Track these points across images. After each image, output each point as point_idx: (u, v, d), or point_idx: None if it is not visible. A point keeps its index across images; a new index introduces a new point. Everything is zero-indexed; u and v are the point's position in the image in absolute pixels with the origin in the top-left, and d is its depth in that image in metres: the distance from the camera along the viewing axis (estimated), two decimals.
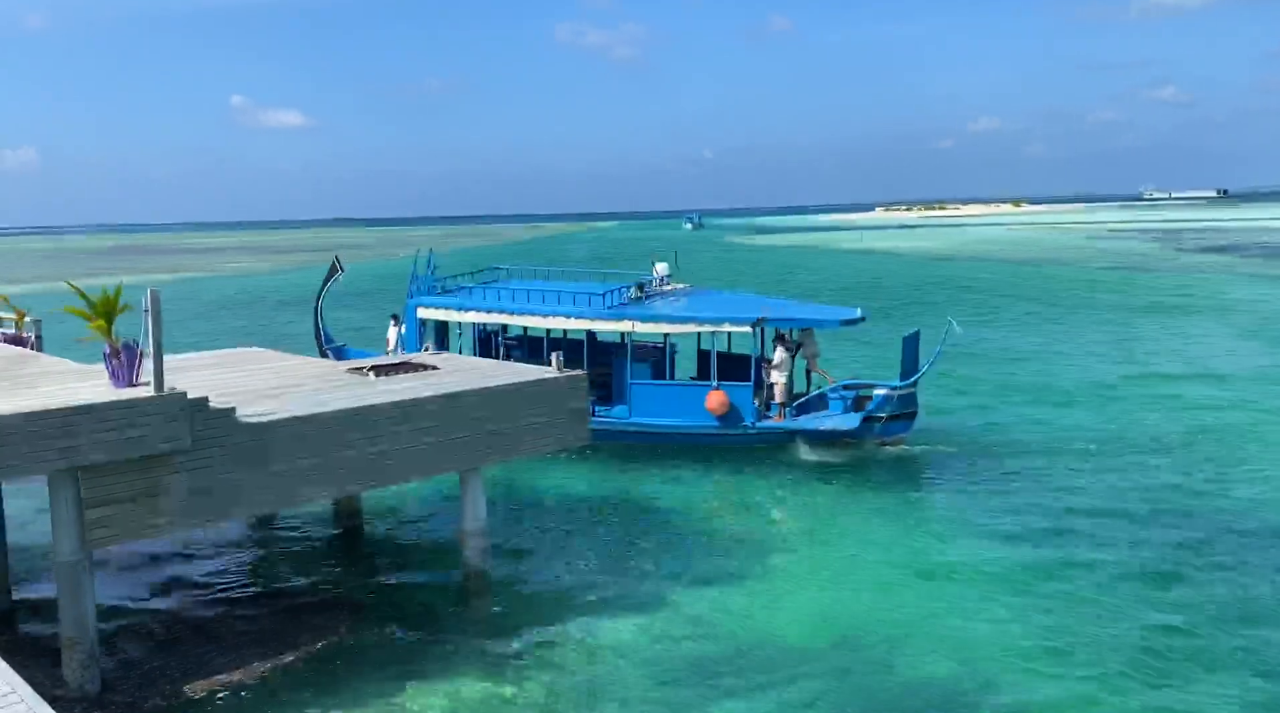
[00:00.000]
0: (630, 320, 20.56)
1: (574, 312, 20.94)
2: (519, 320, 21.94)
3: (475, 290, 23.09)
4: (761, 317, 20.27)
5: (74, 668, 10.60)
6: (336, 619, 12.80)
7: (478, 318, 22.39)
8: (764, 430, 20.26)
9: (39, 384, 11.74)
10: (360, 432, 12.30)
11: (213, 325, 46.22)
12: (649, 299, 21.96)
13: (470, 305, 22.31)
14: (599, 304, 20.83)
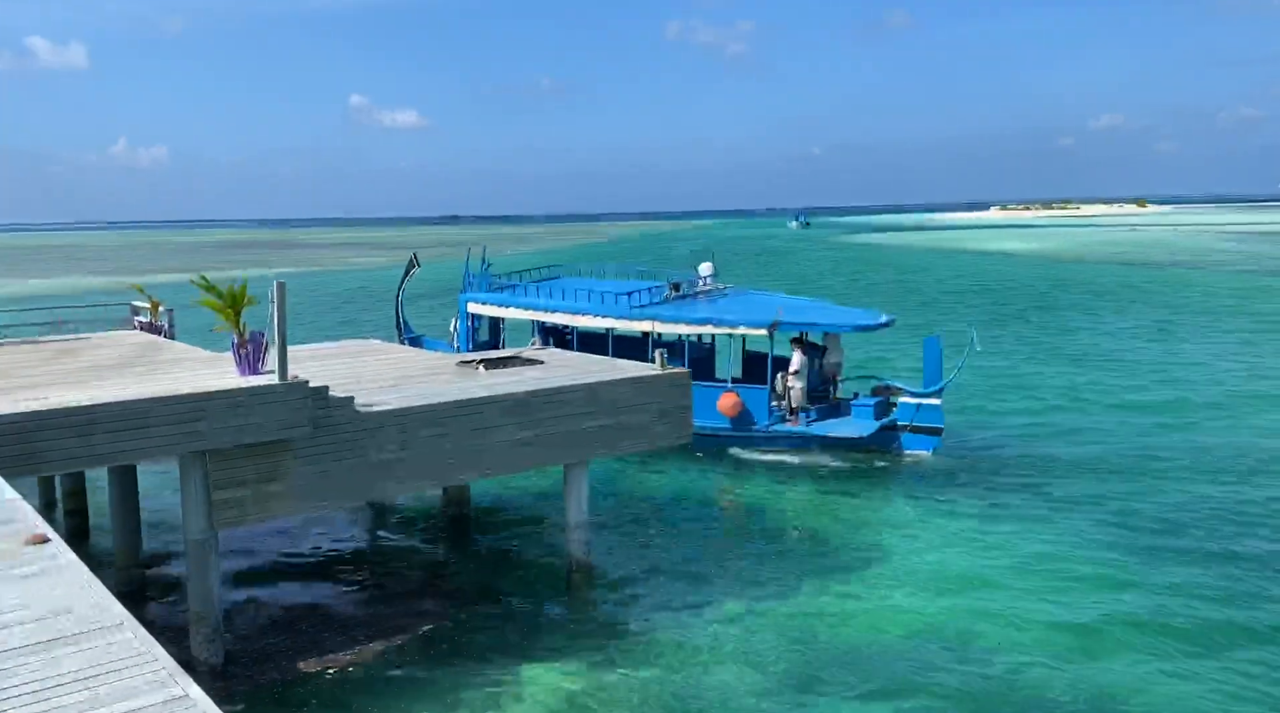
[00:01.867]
0: (651, 320, 20.91)
1: (600, 310, 21.52)
2: (551, 317, 22.60)
3: (519, 288, 23.96)
4: (776, 320, 20.12)
5: (200, 641, 11.19)
6: (443, 605, 13.17)
7: (517, 314, 23.30)
8: (777, 434, 20.25)
9: (172, 371, 12.42)
10: (470, 423, 12.64)
11: (331, 318, 47.97)
12: (681, 300, 22.03)
13: (511, 302, 23.30)
14: (624, 304, 21.29)
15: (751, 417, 19.99)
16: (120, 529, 14.04)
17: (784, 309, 20.68)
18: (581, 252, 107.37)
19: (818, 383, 21.26)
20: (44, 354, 14.17)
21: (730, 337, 20.48)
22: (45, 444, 9.78)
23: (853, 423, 20.13)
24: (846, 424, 20.11)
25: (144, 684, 3.85)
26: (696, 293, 22.50)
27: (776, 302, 21.68)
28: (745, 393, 20.08)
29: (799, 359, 20.21)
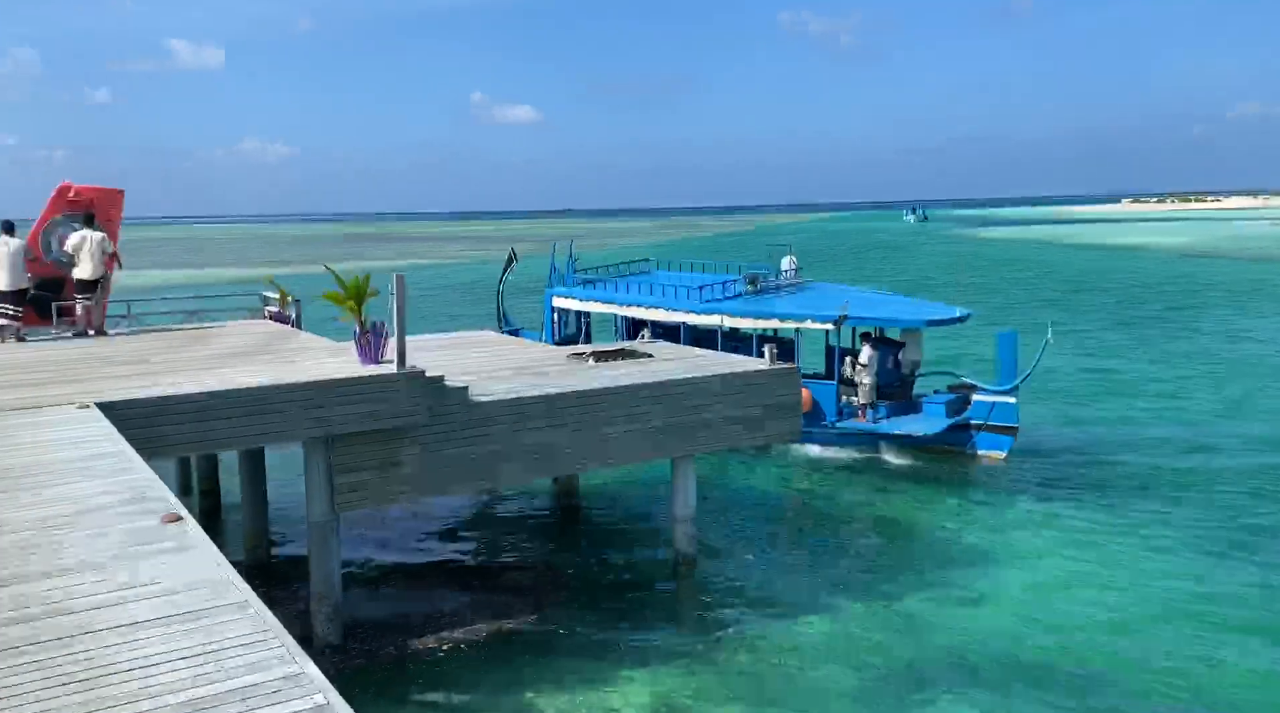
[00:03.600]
0: (720, 315, 20.72)
1: (673, 304, 21.58)
2: (628, 311, 22.74)
3: (600, 283, 24.23)
4: (842, 314, 19.55)
5: (321, 619, 11.62)
6: (551, 592, 13.35)
7: (598, 308, 23.58)
8: (844, 430, 19.79)
9: (298, 359, 12.91)
10: (580, 415, 12.76)
11: (444, 309, 49.19)
12: (757, 294, 21.66)
13: (592, 296, 23.57)
14: (695, 298, 21.23)
15: (821, 412, 19.61)
16: (248, 511, 14.71)
17: (854, 303, 20.25)
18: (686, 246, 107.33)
19: (894, 379, 20.74)
20: (179, 341, 14.93)
21: (799, 331, 20.14)
22: (181, 428, 10.28)
23: (923, 420, 19.57)
24: (916, 421, 19.56)
25: (264, 661, 3.99)
26: (773, 287, 22.23)
27: (847, 296, 21.23)
28: (815, 388, 19.73)
29: (868, 354, 19.74)
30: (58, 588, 4.79)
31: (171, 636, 4.21)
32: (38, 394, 10.18)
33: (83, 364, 12.44)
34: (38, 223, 16.34)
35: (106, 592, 4.73)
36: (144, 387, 10.64)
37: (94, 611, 4.50)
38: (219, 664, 3.94)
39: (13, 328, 14.95)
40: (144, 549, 5.34)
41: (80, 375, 11.51)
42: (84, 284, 15.50)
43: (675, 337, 21.04)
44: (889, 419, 19.67)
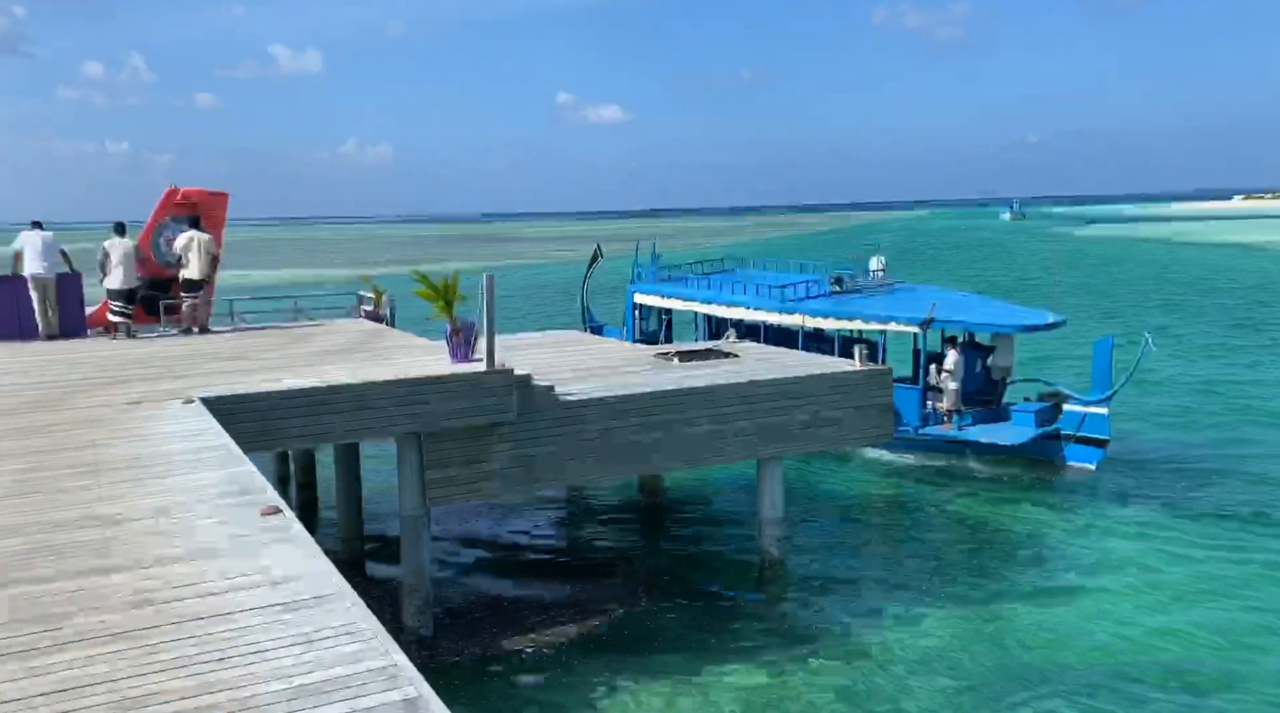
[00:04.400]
0: (802, 314, 20.39)
1: (754, 303, 21.35)
2: (708, 309, 22.55)
3: (681, 280, 24.08)
4: (929, 317, 18.92)
5: (412, 612, 11.89)
6: (637, 592, 13.39)
7: (679, 305, 23.45)
8: (926, 437, 19.20)
9: (393, 356, 13.23)
10: (665, 414, 12.77)
11: (532, 308, 49.81)
12: (842, 294, 21.20)
13: (674, 293, 23.47)
14: (777, 297, 20.94)
15: (902, 417, 19.12)
16: (343, 504, 15.14)
17: (942, 305, 19.68)
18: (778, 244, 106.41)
19: (983, 385, 20.12)
20: (281, 339, 15.44)
21: (884, 333, 19.69)
22: (281, 422, 10.62)
23: (1010, 429, 18.89)
24: (1002, 430, 18.90)
25: (360, 652, 4.09)
26: (860, 287, 21.83)
27: (935, 297, 20.71)
28: (898, 392, 19.27)
29: (953, 358, 19.16)
30: (173, 575, 5.00)
31: (273, 625, 4.36)
32: (148, 389, 10.64)
33: (188, 360, 12.97)
34: (147, 225, 17.10)
35: (215, 580, 4.92)
36: (246, 383, 11.04)
37: (204, 598, 4.68)
38: (317, 654, 4.06)
39: (125, 325, 15.67)
40: (247, 540, 5.53)
41: (186, 371, 12.00)
42: (190, 283, 16.15)
43: (756, 336, 20.92)
44: (975, 427, 19.13)
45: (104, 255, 15.69)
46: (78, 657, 4.07)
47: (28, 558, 5.29)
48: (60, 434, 8.44)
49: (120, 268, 15.64)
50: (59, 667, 3.98)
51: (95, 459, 7.52)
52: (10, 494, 6.54)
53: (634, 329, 24.48)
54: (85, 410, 9.52)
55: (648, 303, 24.41)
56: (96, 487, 6.69)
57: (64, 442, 8.15)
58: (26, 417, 9.28)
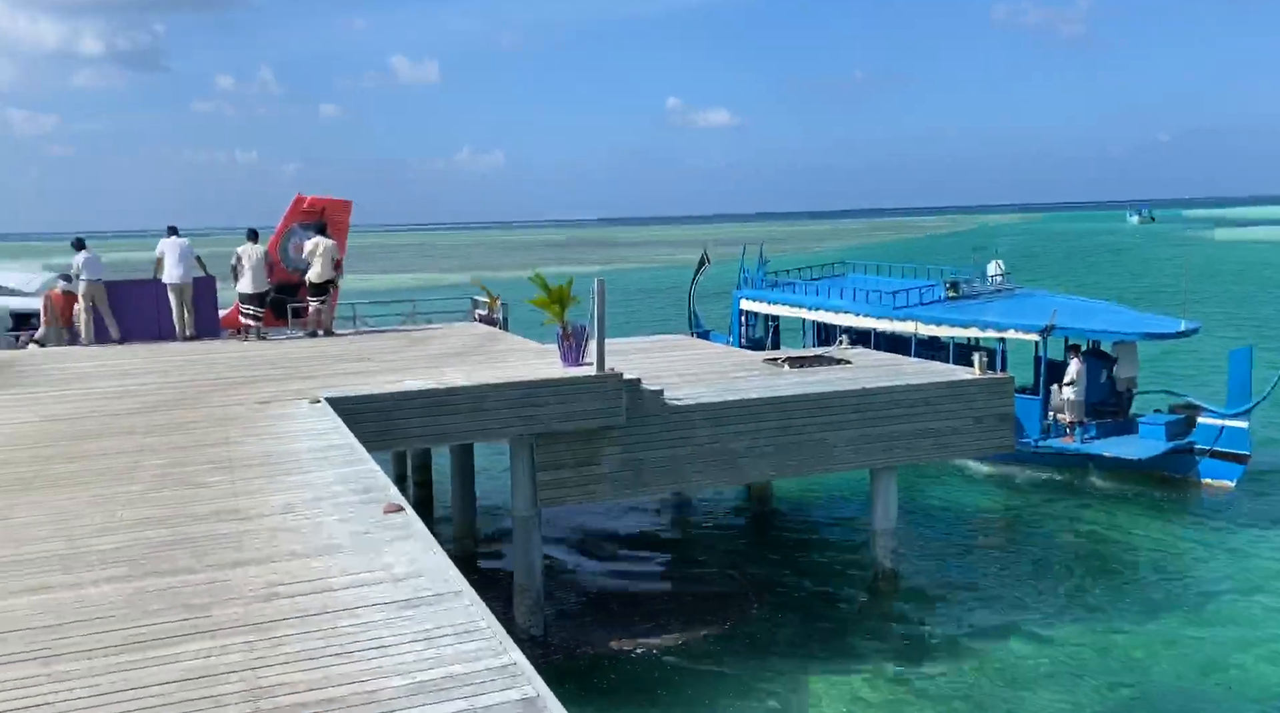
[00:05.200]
0: (915, 321, 19.78)
1: (863, 309, 20.87)
2: (815, 315, 22.16)
3: (788, 286, 23.69)
4: (1049, 324, 17.96)
5: (523, 611, 12.07)
6: (745, 599, 13.30)
7: (786, 312, 23.10)
8: (1048, 450, 18.29)
9: (507, 359, 13.48)
10: (775, 420, 12.65)
11: (640, 313, 50.04)
12: (958, 300, 20.38)
13: (781, 299, 23.14)
14: (887, 303, 20.35)
15: (1022, 428, 18.33)
16: (457, 503, 15.51)
17: (1064, 312, 18.82)
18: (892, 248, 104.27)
19: (1107, 396, 19.15)
20: (401, 342, 15.91)
21: (1001, 341, 18.92)
22: (401, 423, 10.95)
23: (1138, 443, 17.85)
24: (1130, 444, 17.88)
25: (479, 650, 4.17)
26: (977, 293, 21.09)
27: (1056, 303, 19.80)
28: (1017, 402, 18.50)
29: (1076, 368, 18.26)
30: (301, 569, 5.20)
31: (395, 621, 4.48)
32: (278, 389, 11.11)
33: (314, 362, 13.49)
34: (276, 231, 17.87)
35: (340, 575, 5.09)
36: (368, 384, 11.41)
37: (329, 593, 4.85)
38: (438, 651, 4.15)
39: (256, 327, 16.41)
40: (371, 537, 5.71)
41: (312, 372, 12.48)
42: (316, 288, 16.80)
43: (866, 344, 20.54)
44: (1099, 440, 18.26)
45: (237, 260, 16.46)
46: (214, 646, 4.26)
47: (170, 549, 5.58)
48: (198, 431, 8.89)
49: (251, 273, 16.38)
50: (197, 654, 4.18)
51: (229, 456, 7.88)
52: (154, 488, 6.92)
53: (740, 336, 24.29)
54: (220, 409, 9.99)
55: (755, 310, 24.18)
56: (231, 482, 7.02)
57: (201, 438, 8.58)
58: (166, 414, 9.80)
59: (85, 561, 5.40)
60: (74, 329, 16.43)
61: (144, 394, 11.02)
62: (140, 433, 8.84)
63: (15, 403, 10.67)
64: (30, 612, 4.68)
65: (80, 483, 7.10)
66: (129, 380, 12.07)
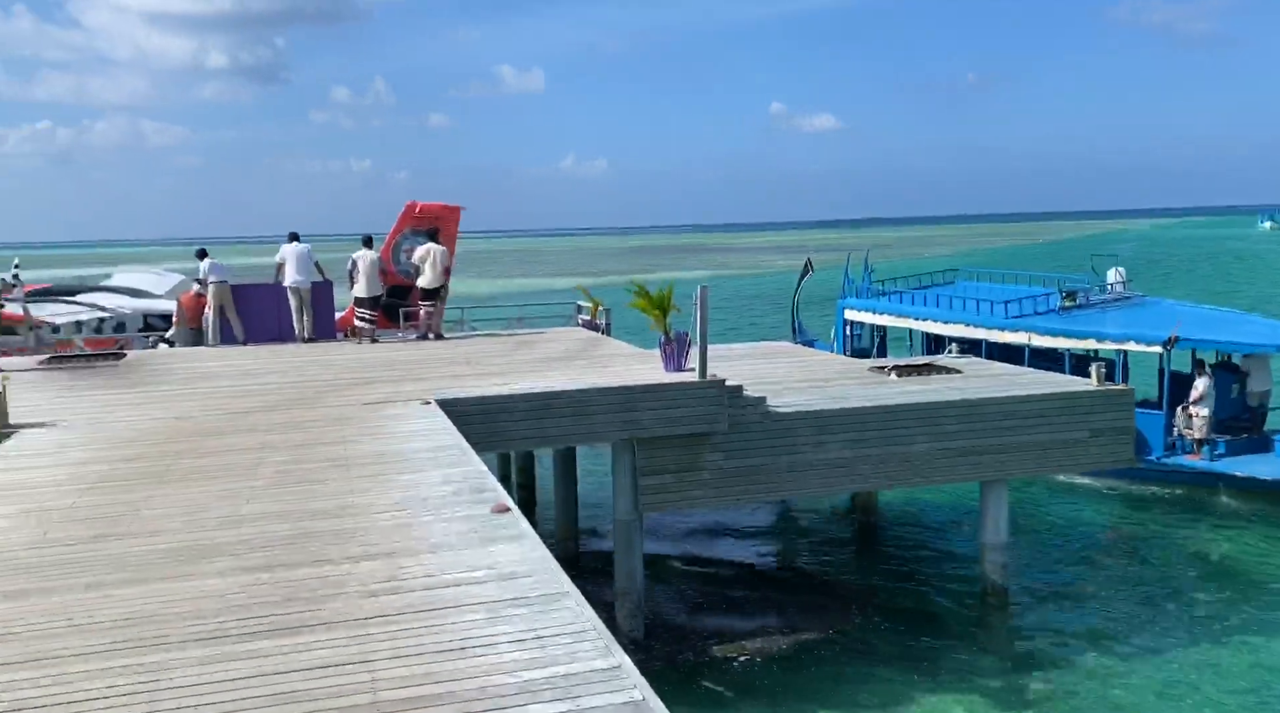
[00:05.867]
0: (1028, 332, 18.94)
1: (973, 319, 20.16)
2: (923, 326, 21.45)
3: (895, 295, 22.99)
4: (1173, 336, 16.93)
5: (624, 614, 12.14)
6: (849, 610, 13.09)
7: (892, 322, 22.43)
8: (1173, 467, 17.28)
9: (609, 364, 13.60)
10: (881, 430, 12.42)
11: (741, 319, 49.82)
12: (1074, 310, 19.46)
13: (887, 309, 22.47)
14: (999, 313, 19.59)
15: (1145, 445, 17.38)
16: (560, 506, 15.70)
17: (1190, 323, 17.85)
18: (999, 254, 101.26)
19: (1239, 411, 18.07)
20: (506, 346, 16.22)
21: (1121, 352, 18.05)
22: (507, 425, 11.16)
23: (1273, 461, 16.81)
24: (1265, 462, 16.82)
25: (585, 651, 4.23)
26: (1095, 303, 20.21)
27: (1181, 313, 18.78)
28: (1140, 418, 17.60)
29: (1203, 383, 17.26)
30: (414, 565, 5.36)
31: (505, 619, 4.57)
32: (390, 390, 11.46)
33: (424, 364, 13.87)
34: (389, 237, 18.44)
35: (454, 572, 5.23)
36: (476, 387, 11.67)
37: (440, 589, 4.99)
38: (545, 651, 4.22)
39: (369, 330, 16.96)
40: (480, 536, 5.84)
41: (423, 374, 12.83)
42: (426, 292, 17.27)
43: (976, 355, 19.98)
44: (1230, 457, 17.26)
45: (352, 265, 17.05)
46: (335, 637, 4.43)
47: (292, 543, 5.81)
48: (316, 430, 9.24)
49: (366, 277, 16.95)
50: (320, 644, 4.35)
51: (345, 454, 8.17)
52: (275, 484, 7.23)
53: (845, 345, 23.86)
54: (336, 409, 10.37)
55: (860, 319, 23.70)
56: (347, 480, 7.27)
57: (319, 437, 8.91)
58: (286, 413, 10.22)
59: (213, 552, 5.68)
60: (199, 330, 17.32)
61: (265, 394, 11.51)
62: (262, 431, 9.24)
63: (147, 400, 11.28)
64: (163, 600, 4.95)
65: (208, 478, 7.46)
66: (251, 380, 12.63)
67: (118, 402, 11.23)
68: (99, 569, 5.41)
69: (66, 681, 4.03)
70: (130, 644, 4.38)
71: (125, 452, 8.47)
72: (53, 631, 4.57)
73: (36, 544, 5.88)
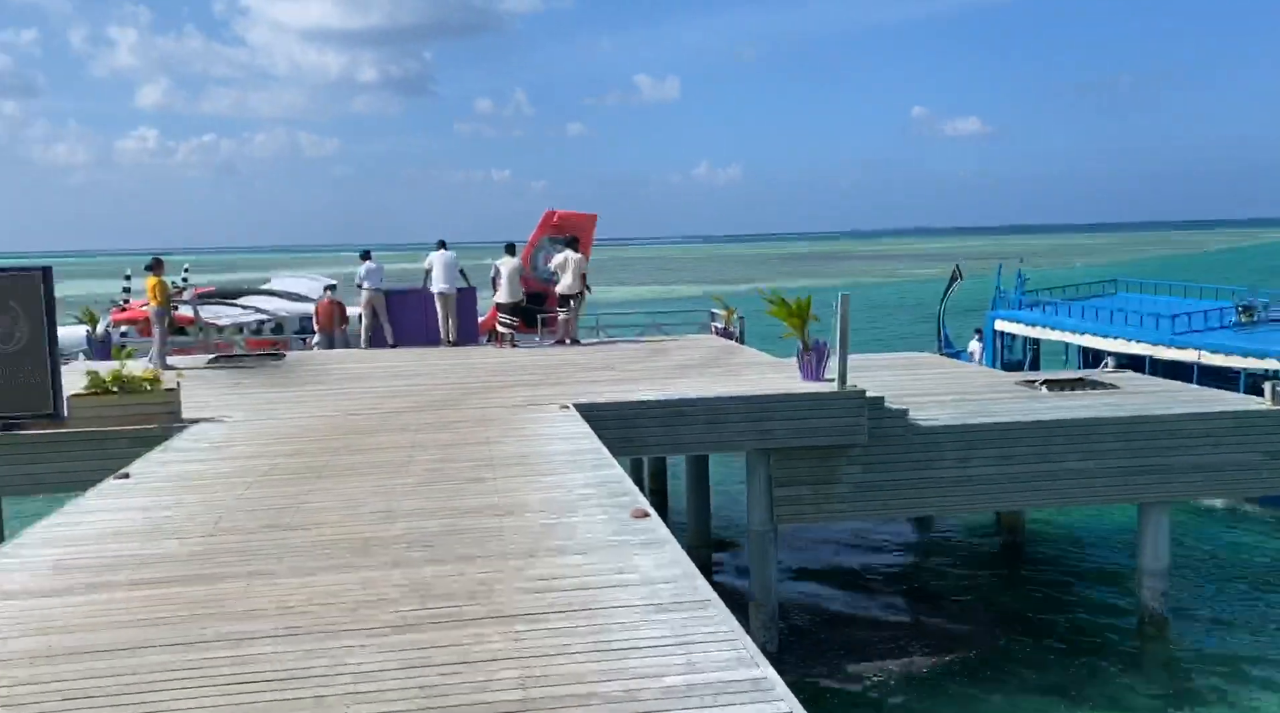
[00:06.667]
0: (1196, 349, 17.75)
1: (1135, 334, 19.09)
2: (1080, 340, 20.37)
3: (1050, 306, 21.88)
4: None
5: (757, 626, 12.02)
6: (991, 633, 12.58)
7: (1046, 335, 21.38)
8: None
9: (744, 373, 13.52)
10: (1029, 447, 11.93)
11: (876, 329, 48.72)
12: (1250, 326, 18.05)
13: (1042, 321, 21.43)
14: (1165, 328, 18.41)
15: None
16: (692, 513, 15.69)
17: None
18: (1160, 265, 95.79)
19: None
20: (641, 352, 16.35)
21: None
22: (641, 431, 11.23)
23: None
24: None
25: (729, 661, 4.18)
26: (1276, 318, 18.75)
27: None
28: None
29: None
30: (558, 566, 5.44)
31: (648, 624, 4.58)
32: (530, 394, 11.72)
33: (562, 369, 14.12)
34: (528, 244, 18.87)
35: (598, 575, 5.28)
36: (612, 392, 11.80)
37: (584, 591, 5.04)
38: (690, 658, 4.20)
39: (510, 335, 17.39)
40: (621, 540, 5.88)
41: (561, 379, 13.06)
42: (563, 298, 17.59)
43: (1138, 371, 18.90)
44: None
45: (495, 272, 17.53)
46: (484, 633, 4.52)
47: (443, 539, 5.99)
48: (462, 430, 9.53)
49: (508, 284, 17.40)
50: (472, 639, 4.45)
51: (490, 455, 8.38)
52: (426, 482, 7.48)
53: (994, 358, 22.96)
54: (480, 410, 10.67)
55: (1012, 331, 22.79)
56: (493, 480, 7.46)
57: (465, 437, 9.18)
58: (434, 413, 10.58)
59: (370, 546, 5.91)
60: (332, 334, 18.30)
61: (413, 394, 11.95)
62: (412, 430, 9.59)
63: (305, 399, 11.88)
64: (322, 590, 5.17)
65: (363, 474, 7.79)
66: (400, 381, 13.14)
67: (278, 399, 11.87)
68: (264, 559, 5.71)
69: (215, 665, 4.24)
70: (287, 632, 4.58)
71: (286, 447, 8.93)
72: (217, 615, 4.83)
73: (210, 534, 6.26)
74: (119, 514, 6.79)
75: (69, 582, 5.41)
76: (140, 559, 5.77)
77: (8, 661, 4.36)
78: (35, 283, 10.32)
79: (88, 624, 4.77)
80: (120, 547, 6.03)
